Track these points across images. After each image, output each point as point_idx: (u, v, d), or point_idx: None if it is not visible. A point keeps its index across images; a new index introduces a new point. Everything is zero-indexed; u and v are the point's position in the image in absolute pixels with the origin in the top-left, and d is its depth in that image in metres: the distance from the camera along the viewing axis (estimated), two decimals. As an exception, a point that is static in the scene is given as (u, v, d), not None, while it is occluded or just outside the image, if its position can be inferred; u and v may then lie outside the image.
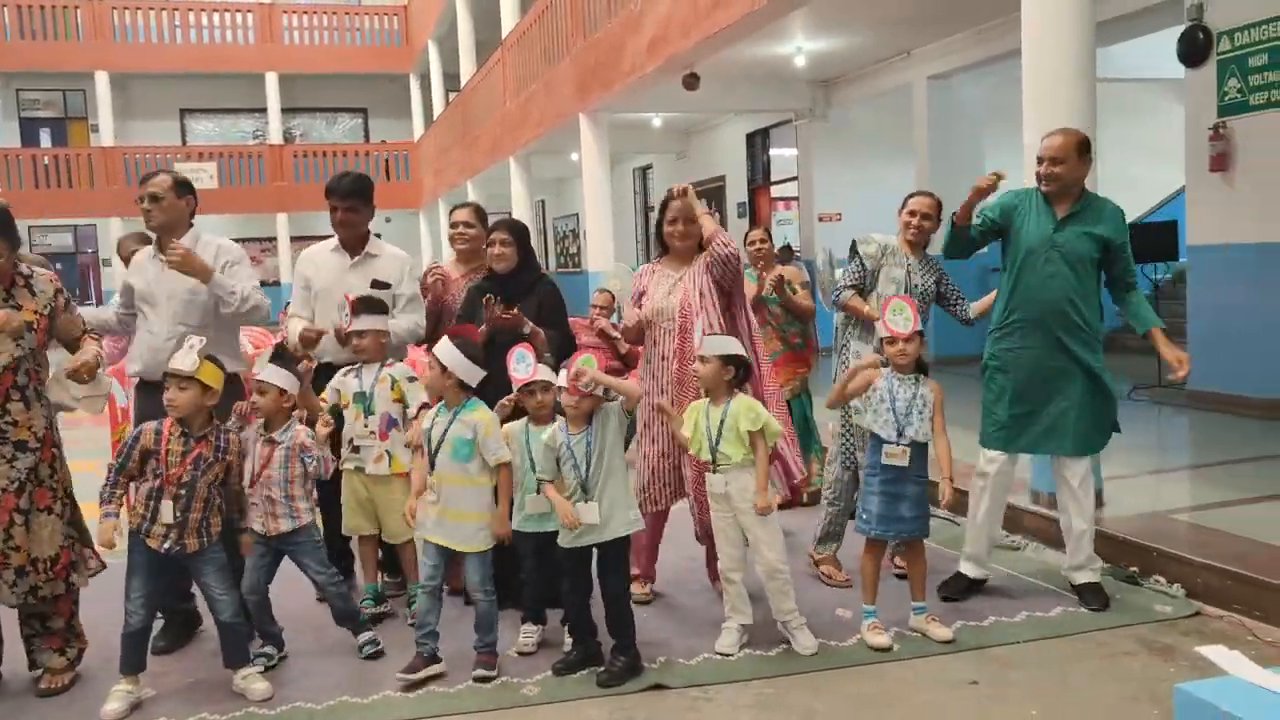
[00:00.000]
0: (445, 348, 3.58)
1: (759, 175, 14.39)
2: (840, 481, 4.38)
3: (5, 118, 23.58)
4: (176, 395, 3.33)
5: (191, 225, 3.95)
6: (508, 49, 14.19)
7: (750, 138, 14.31)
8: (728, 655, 3.60)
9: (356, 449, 3.97)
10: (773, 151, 14.13)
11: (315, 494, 3.78)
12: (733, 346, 3.68)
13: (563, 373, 3.51)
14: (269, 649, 3.68)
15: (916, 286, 4.29)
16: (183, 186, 3.91)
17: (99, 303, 22.42)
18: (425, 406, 3.83)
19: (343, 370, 4.06)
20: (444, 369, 3.55)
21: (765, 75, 11.28)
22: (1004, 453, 4.10)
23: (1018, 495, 4.88)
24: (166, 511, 3.32)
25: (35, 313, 3.48)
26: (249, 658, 3.52)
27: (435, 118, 21.02)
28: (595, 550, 3.51)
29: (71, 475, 3.67)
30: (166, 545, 3.34)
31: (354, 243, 4.38)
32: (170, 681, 3.57)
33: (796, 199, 13.34)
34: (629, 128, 14.13)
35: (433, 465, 3.56)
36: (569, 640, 3.63)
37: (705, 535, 4.01)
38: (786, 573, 3.66)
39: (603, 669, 3.44)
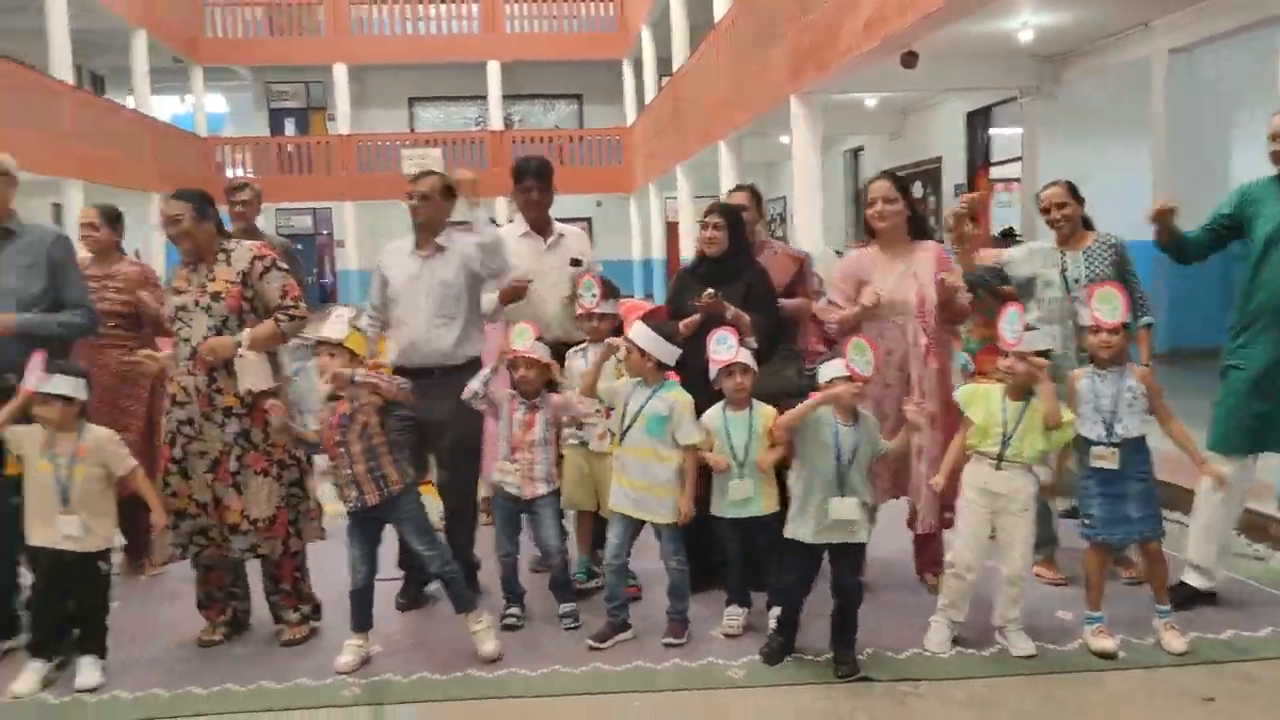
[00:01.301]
0: (640, 330, 3.68)
1: (979, 156, 13.79)
2: None
3: (256, 108, 25.63)
4: (327, 362, 3.52)
5: (447, 226, 4.18)
6: (720, 32, 14.18)
7: (970, 117, 13.74)
8: (938, 653, 3.51)
9: (580, 425, 4.10)
10: (993, 131, 13.50)
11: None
12: (1048, 340, 3.58)
13: (834, 364, 3.41)
14: (515, 610, 3.88)
15: (1078, 280, 4.05)
16: (448, 191, 4.14)
17: (334, 279, 24.07)
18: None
19: (572, 350, 4.19)
20: (642, 352, 3.63)
21: (988, 51, 10.79)
22: (1243, 456, 3.80)
23: (1264, 501, 4.51)
24: (343, 471, 3.56)
25: (228, 281, 3.71)
26: (475, 604, 3.69)
27: (647, 103, 21.28)
28: (829, 550, 3.44)
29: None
30: (353, 504, 3.57)
31: (542, 224, 4.51)
32: (399, 640, 3.81)
33: (1019, 180, 12.72)
34: (841, 109, 13.85)
35: (623, 437, 3.68)
36: (772, 623, 3.64)
37: (933, 527, 3.93)
38: (1025, 582, 3.54)
39: (842, 664, 3.39)
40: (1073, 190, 4.20)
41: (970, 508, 3.55)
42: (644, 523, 3.72)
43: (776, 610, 3.61)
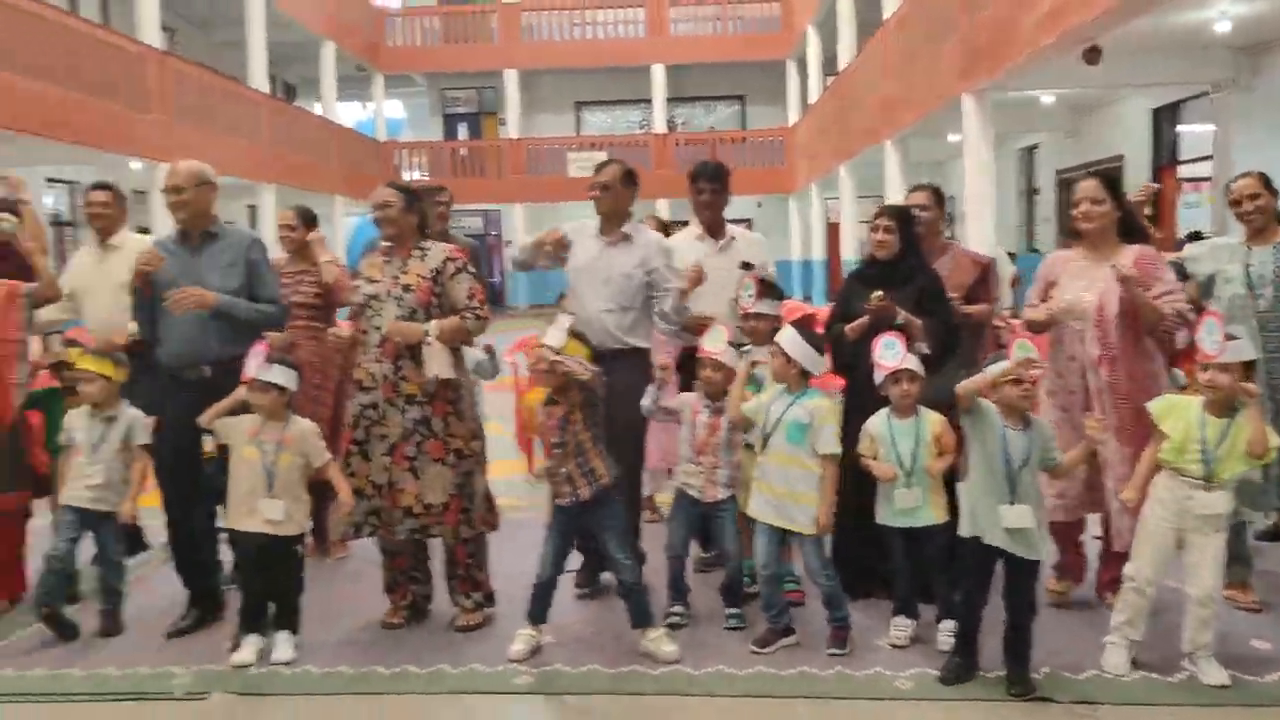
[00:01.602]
0: (788, 336, 3.66)
1: (1165, 154, 13.06)
2: None
3: (431, 114, 26.70)
4: (544, 366, 3.62)
5: (630, 215, 4.32)
6: (888, 30, 13.92)
7: (1156, 113, 13.02)
8: (1119, 675, 3.36)
9: (748, 429, 4.11)
10: (1181, 128, 12.76)
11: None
12: (1250, 352, 3.41)
13: (1000, 365, 3.30)
14: (679, 608, 3.93)
15: (1264, 277, 3.80)
16: (629, 179, 4.28)
17: (501, 279, 24.79)
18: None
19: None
20: (788, 358, 3.62)
21: (1178, 44, 10.21)
22: None
23: None
24: (551, 472, 3.67)
25: (419, 276, 3.91)
26: (653, 619, 3.72)
27: (811, 103, 21.07)
28: (1004, 561, 3.34)
29: (481, 432, 4.09)
30: (567, 499, 3.67)
31: (716, 226, 4.56)
32: (571, 631, 3.91)
33: (1209, 179, 11.98)
34: (1014, 106, 13.37)
35: (765, 444, 3.67)
36: (941, 636, 3.57)
37: (1127, 545, 3.77)
38: (1216, 604, 3.33)
39: (1016, 682, 3.28)
40: (1266, 182, 3.97)
41: (1156, 522, 3.38)
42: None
43: (948, 624, 3.54)
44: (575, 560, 4.17)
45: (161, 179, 4.17)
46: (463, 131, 26.44)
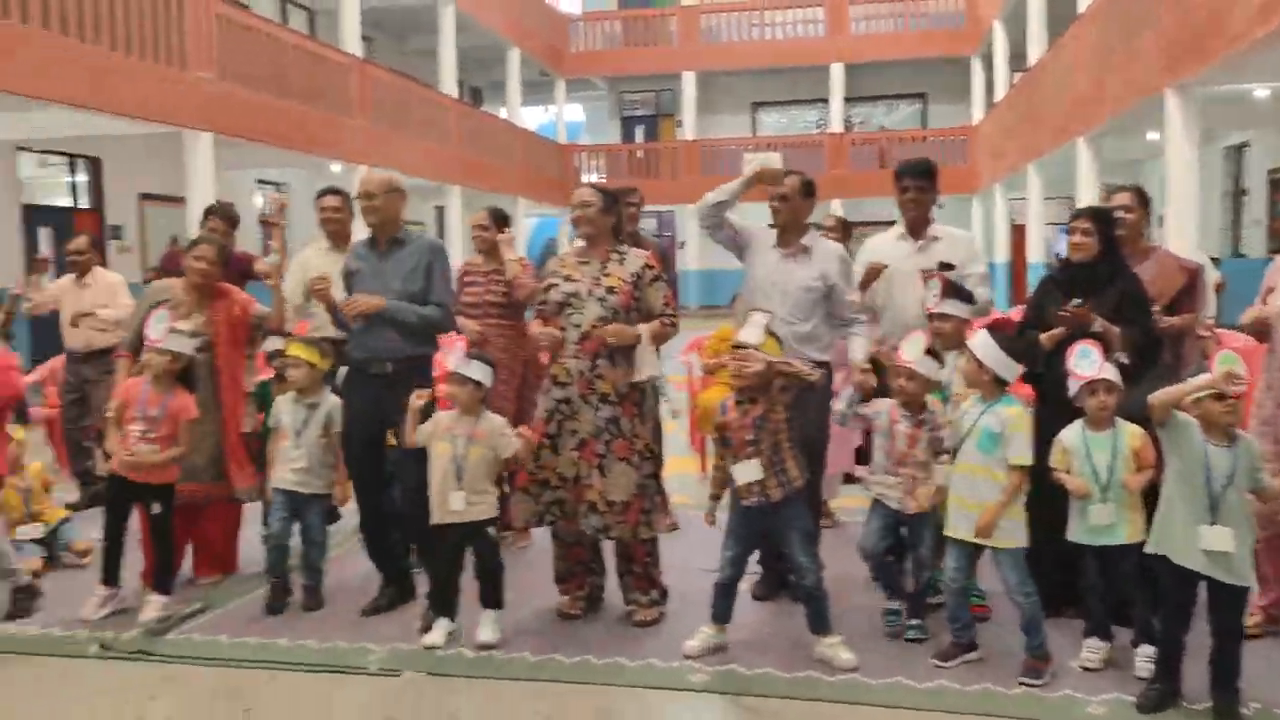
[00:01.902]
0: (982, 341, 3.54)
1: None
2: None
3: (610, 116, 27.19)
4: (743, 365, 3.62)
5: (808, 227, 4.28)
6: (1083, 23, 13.28)
7: (1390, 107, 11.94)
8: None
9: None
10: None
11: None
12: None
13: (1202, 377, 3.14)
14: (915, 621, 3.84)
15: None
16: (808, 190, 4.24)
17: (674, 280, 24.95)
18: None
19: None
20: (980, 363, 3.50)
21: None
22: None
23: None
24: (744, 471, 3.64)
25: (621, 279, 3.99)
26: (831, 625, 3.68)
27: (996, 100, 20.33)
28: (1207, 584, 3.16)
29: (660, 434, 4.15)
30: (754, 499, 3.67)
31: (919, 225, 4.46)
32: (748, 632, 3.92)
33: None
34: (1223, 102, 12.48)
35: (957, 453, 3.57)
36: (1138, 661, 3.40)
37: None
38: None
39: (1223, 714, 3.11)
40: None
41: None
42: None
43: (1146, 649, 3.37)
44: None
45: (359, 182, 4.42)
46: (640, 134, 26.80)
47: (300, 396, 4.38)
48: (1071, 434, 3.52)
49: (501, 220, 5.31)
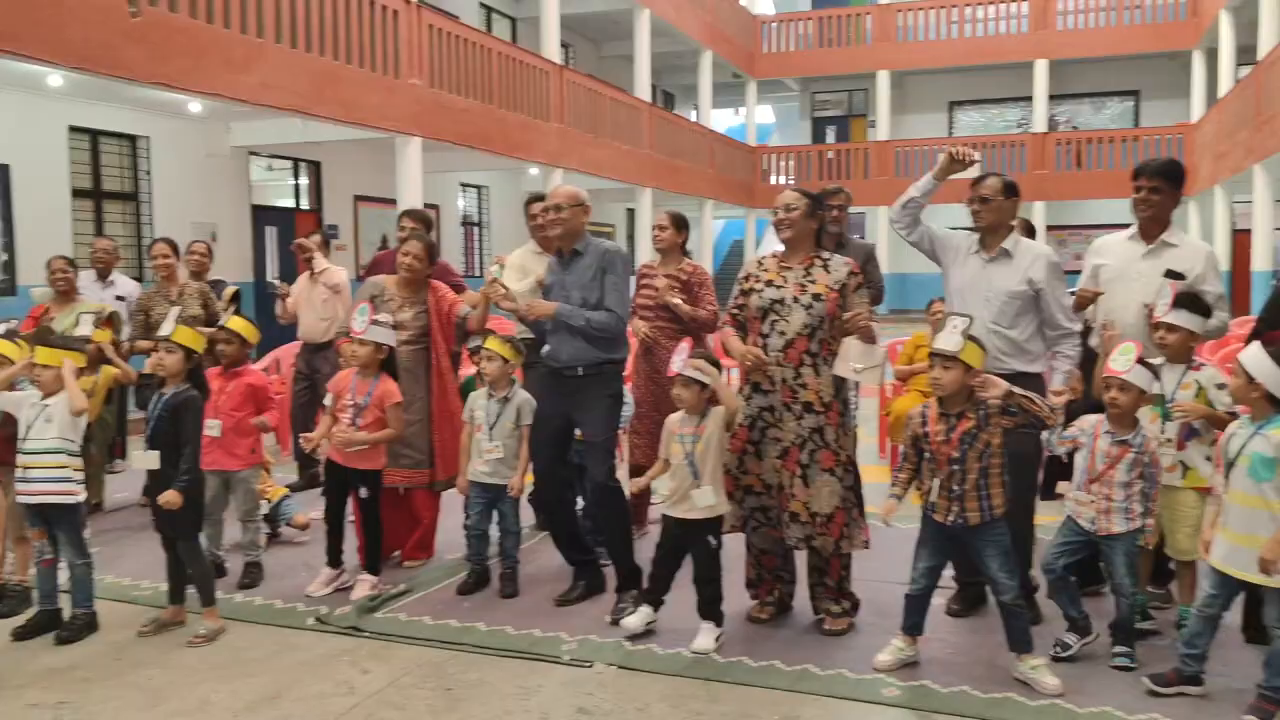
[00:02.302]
0: (1254, 355, 3.25)
1: None
2: None
3: (800, 118, 26.95)
4: (942, 374, 3.50)
5: (1011, 229, 4.09)
6: (1327, 11, 12.21)
7: None
8: None
9: None
10: None
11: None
12: None
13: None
14: (1071, 636, 3.71)
15: None
16: (1010, 191, 4.05)
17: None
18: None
19: None
20: (1250, 379, 3.23)
21: None
22: None
23: None
24: (937, 488, 3.54)
25: (827, 287, 3.92)
26: (1032, 646, 3.54)
27: (1220, 96, 18.94)
28: None
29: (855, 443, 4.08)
30: (950, 518, 3.56)
31: (1152, 228, 4.16)
32: (942, 647, 3.83)
33: None
34: None
35: (1226, 480, 3.30)
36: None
37: None
38: None
39: None
40: None
41: None
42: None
43: None
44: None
45: (557, 183, 4.57)
46: (831, 135, 26.44)
47: (494, 391, 4.56)
48: None
49: (680, 223, 5.33)
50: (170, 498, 3.96)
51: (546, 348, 4.44)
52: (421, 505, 4.98)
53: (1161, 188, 4.09)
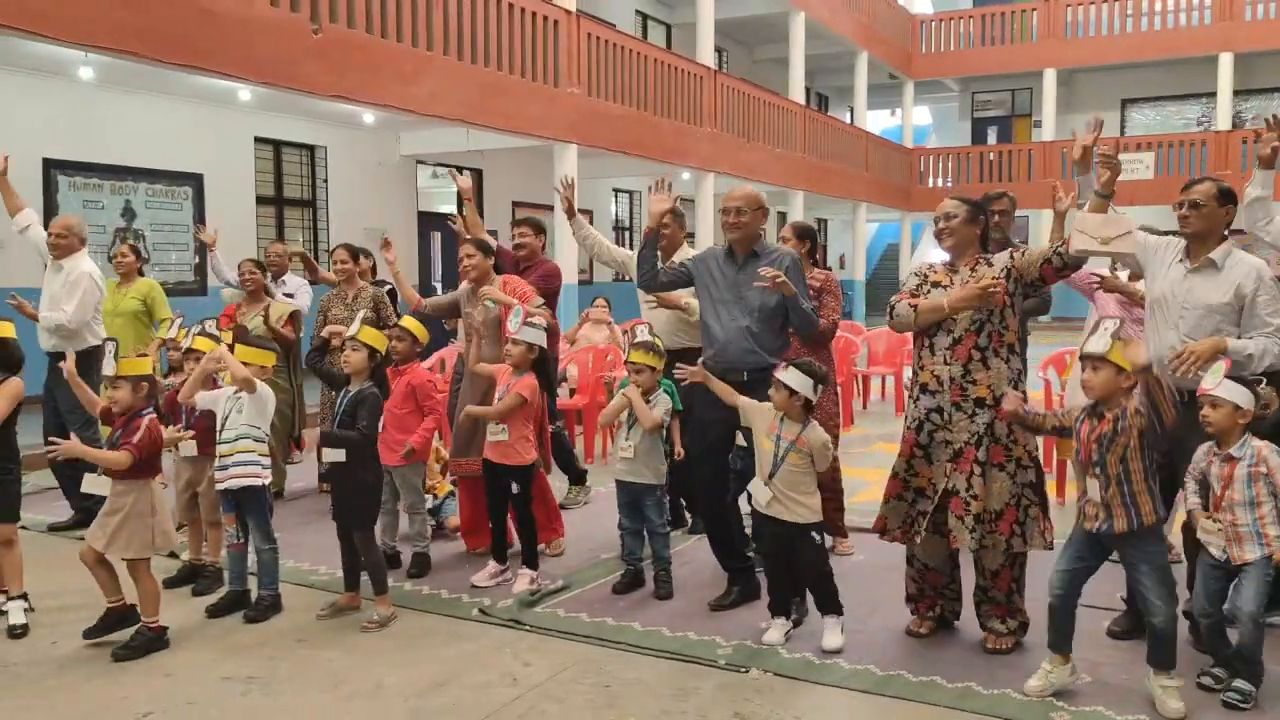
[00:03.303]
0: None
1: None
2: None
3: (960, 118, 26.20)
4: (1090, 376, 3.39)
5: (1225, 238, 3.88)
6: None
7: None
8: None
9: None
10: None
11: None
12: None
13: None
14: (1216, 671, 3.53)
15: None
16: (1225, 198, 3.86)
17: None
18: None
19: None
20: None
21: None
22: None
23: None
24: (1092, 489, 3.42)
25: (993, 278, 3.78)
26: (1172, 663, 3.40)
27: None
28: None
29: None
30: (1096, 525, 3.42)
31: None
32: (1113, 672, 3.68)
33: None
34: None
35: None
36: None
37: None
38: None
39: None
40: None
41: None
42: None
43: None
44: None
45: (709, 187, 4.63)
46: (992, 136, 25.60)
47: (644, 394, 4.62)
48: None
49: (803, 234, 5.21)
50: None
51: (709, 351, 4.47)
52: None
53: None
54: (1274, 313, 3.73)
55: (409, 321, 4.97)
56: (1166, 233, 4.13)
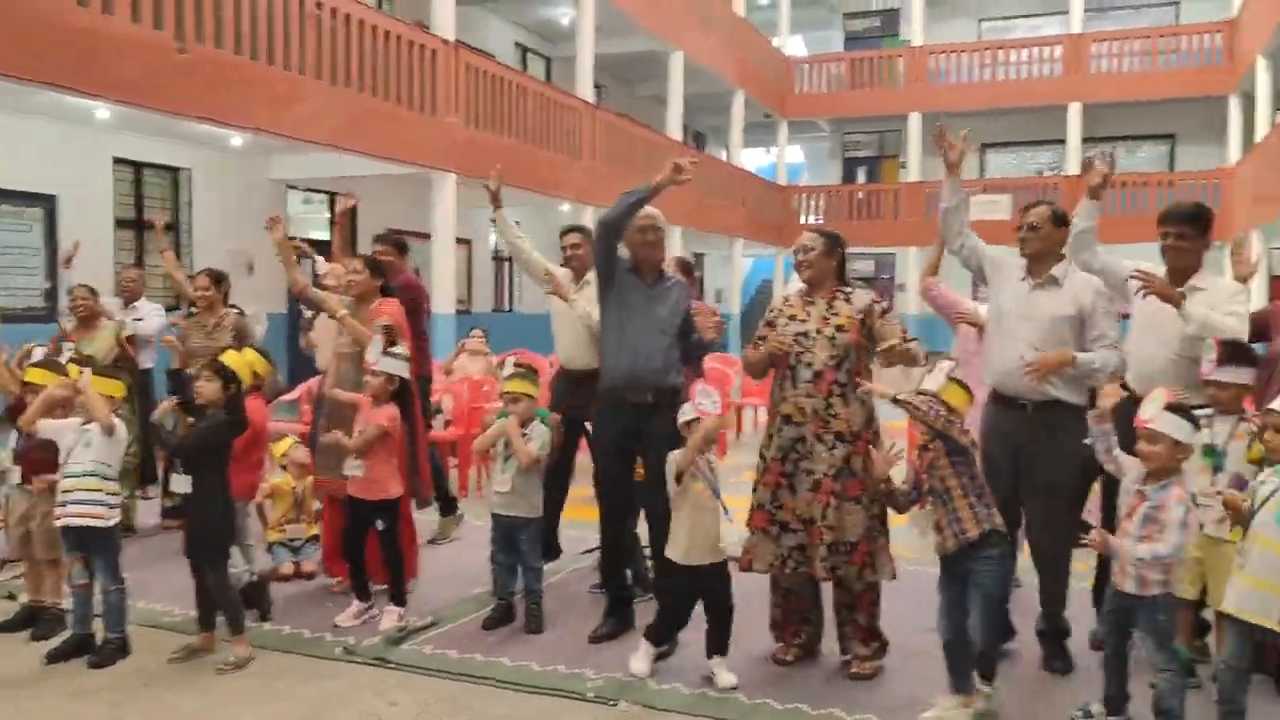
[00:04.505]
0: None
1: None
2: None
3: (831, 158, 27.03)
4: (925, 413, 3.51)
5: (1064, 258, 4.06)
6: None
7: None
8: None
9: (1196, 504, 3.58)
10: None
11: None
12: None
13: None
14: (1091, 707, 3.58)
15: None
16: (1058, 220, 4.07)
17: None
18: None
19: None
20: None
21: None
22: None
23: None
24: (918, 520, 3.58)
25: (849, 317, 3.97)
26: (960, 690, 3.52)
27: (1257, 141, 18.85)
28: None
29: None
30: (941, 550, 3.58)
31: (1177, 275, 4.08)
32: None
33: None
34: None
35: (1249, 524, 3.25)
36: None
37: None
38: None
39: None
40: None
41: None
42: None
43: None
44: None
45: (587, 220, 4.65)
46: (861, 175, 26.48)
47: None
48: None
49: (686, 268, 5.40)
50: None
51: (616, 370, 4.38)
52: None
53: (1188, 233, 4.05)
54: (1110, 325, 3.96)
55: (250, 356, 4.67)
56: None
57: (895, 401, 3.53)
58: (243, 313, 6.36)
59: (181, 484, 4.11)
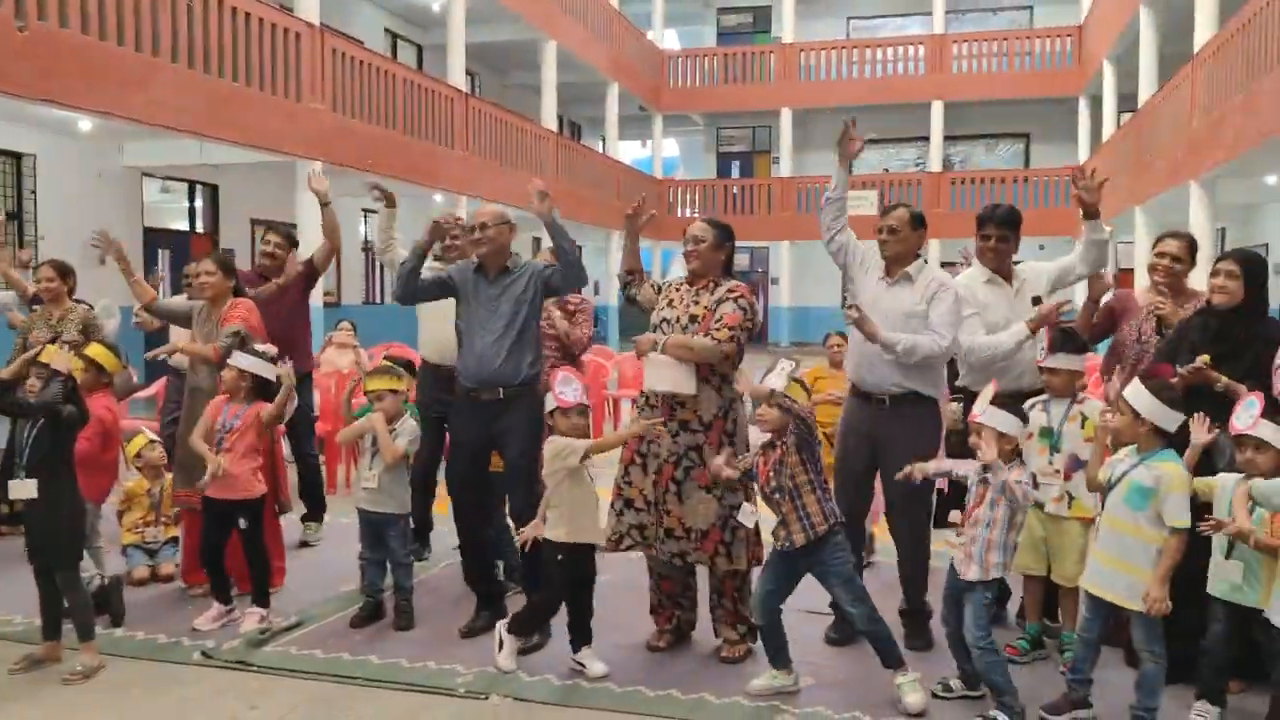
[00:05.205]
0: (1135, 391, 3.37)
1: None
2: None
3: (705, 152, 27.35)
4: (766, 412, 3.59)
5: (920, 257, 4.22)
6: (1199, 64, 12.92)
7: None
8: None
9: (1036, 485, 3.72)
10: None
11: None
12: None
13: None
14: (951, 681, 3.70)
15: None
16: (918, 222, 4.17)
17: (764, 318, 24.89)
18: None
19: (1029, 402, 3.96)
20: (1136, 414, 3.34)
21: None
22: None
23: None
24: (745, 515, 3.69)
25: (705, 308, 3.98)
26: (899, 661, 3.63)
27: (1104, 141, 19.88)
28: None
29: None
30: (782, 544, 3.67)
31: (1005, 272, 4.35)
32: (833, 674, 3.89)
33: None
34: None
35: (1104, 504, 3.42)
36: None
37: None
38: None
39: None
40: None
41: None
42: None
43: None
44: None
45: (462, 210, 4.56)
46: (735, 170, 26.88)
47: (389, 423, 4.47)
48: (1227, 478, 3.35)
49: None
50: None
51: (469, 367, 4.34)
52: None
53: (1006, 236, 4.32)
54: (945, 325, 4.03)
55: (95, 349, 4.60)
56: None
57: (770, 395, 3.55)
58: (91, 306, 6.04)
59: (22, 489, 3.86)
